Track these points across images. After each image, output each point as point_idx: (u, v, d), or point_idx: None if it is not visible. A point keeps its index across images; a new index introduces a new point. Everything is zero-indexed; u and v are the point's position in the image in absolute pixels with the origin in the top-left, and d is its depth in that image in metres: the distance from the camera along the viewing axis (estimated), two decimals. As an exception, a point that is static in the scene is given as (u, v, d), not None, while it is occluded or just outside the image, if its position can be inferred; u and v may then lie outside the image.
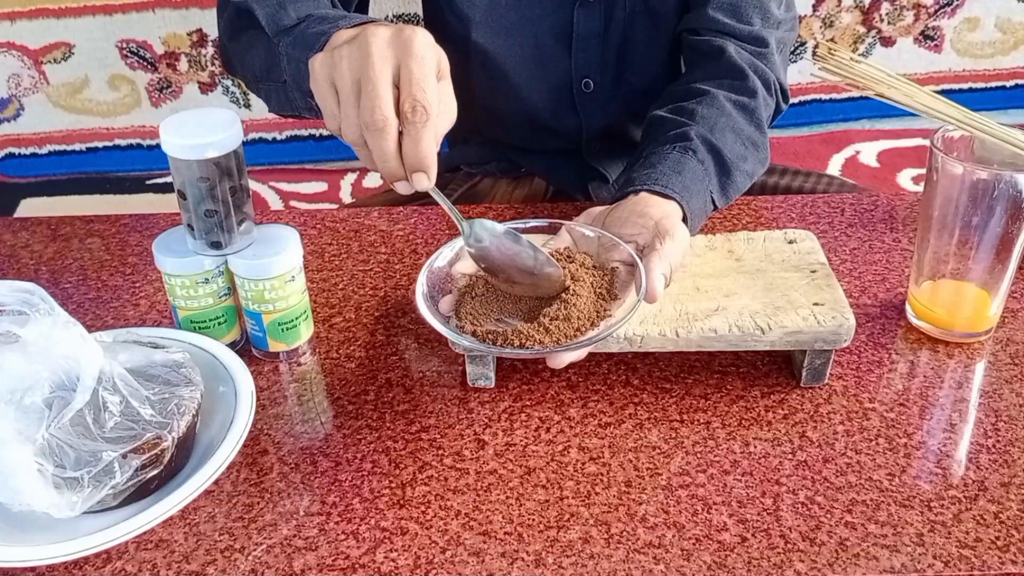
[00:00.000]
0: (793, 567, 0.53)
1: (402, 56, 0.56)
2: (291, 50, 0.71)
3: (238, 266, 0.66)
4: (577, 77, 0.93)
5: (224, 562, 0.54)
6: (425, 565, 0.54)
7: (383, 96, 0.54)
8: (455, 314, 0.61)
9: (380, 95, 0.54)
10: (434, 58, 0.57)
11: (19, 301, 0.56)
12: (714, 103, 0.81)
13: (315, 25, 0.69)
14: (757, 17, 0.87)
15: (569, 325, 0.58)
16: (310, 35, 0.68)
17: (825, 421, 0.63)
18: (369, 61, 0.55)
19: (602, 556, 0.54)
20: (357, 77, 0.56)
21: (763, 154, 0.83)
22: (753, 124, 0.82)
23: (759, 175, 0.83)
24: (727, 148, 0.78)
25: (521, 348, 0.57)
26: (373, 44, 0.55)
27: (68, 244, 0.88)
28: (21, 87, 2.01)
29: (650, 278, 0.60)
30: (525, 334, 0.57)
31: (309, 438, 0.63)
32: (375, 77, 0.54)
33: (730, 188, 0.78)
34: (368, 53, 0.55)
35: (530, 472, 0.60)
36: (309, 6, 0.73)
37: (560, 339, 0.57)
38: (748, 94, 0.83)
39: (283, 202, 1.96)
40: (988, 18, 2.04)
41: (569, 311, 0.59)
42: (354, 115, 0.56)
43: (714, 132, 0.78)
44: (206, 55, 1.98)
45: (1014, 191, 0.64)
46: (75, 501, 0.53)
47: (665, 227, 0.64)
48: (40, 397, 0.55)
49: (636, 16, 0.90)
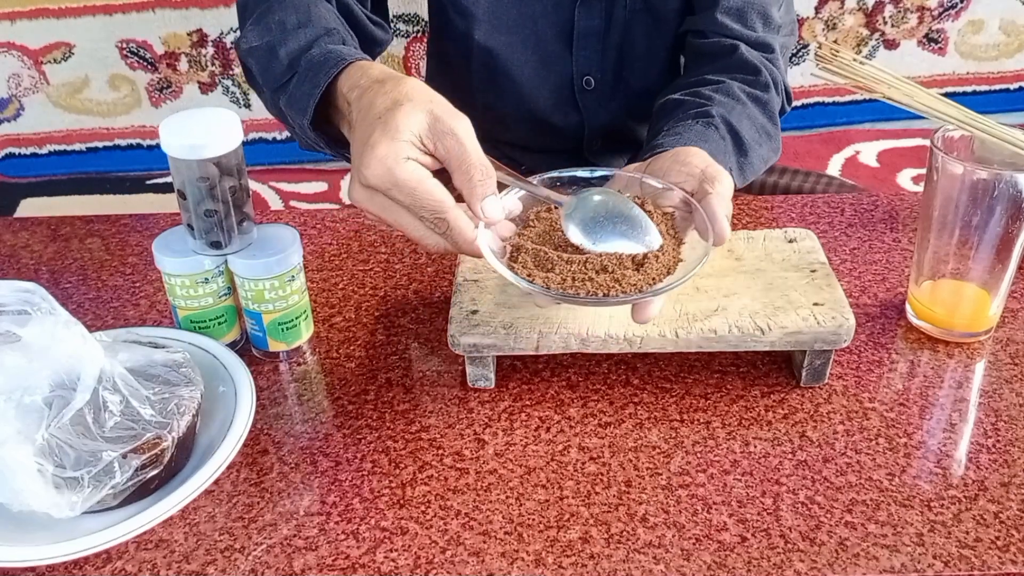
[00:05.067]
0: (793, 567, 0.53)
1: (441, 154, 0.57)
2: (289, 111, 0.70)
3: (238, 266, 0.66)
4: (578, 75, 0.93)
5: (224, 562, 0.54)
6: (425, 565, 0.54)
7: (462, 227, 0.56)
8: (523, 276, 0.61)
9: (460, 228, 0.56)
10: (427, 135, 0.57)
11: (19, 301, 0.56)
12: (730, 92, 0.82)
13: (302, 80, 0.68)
14: (759, 22, 0.87)
15: (658, 270, 0.60)
16: (299, 97, 0.68)
17: (825, 421, 0.63)
18: (417, 198, 0.56)
19: (602, 556, 0.54)
20: (405, 222, 0.57)
21: (775, 144, 0.85)
22: (766, 116, 0.84)
23: (771, 164, 0.86)
24: (744, 131, 0.80)
25: (619, 296, 0.58)
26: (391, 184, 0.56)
27: (68, 244, 0.88)
28: (21, 87, 2.01)
29: (718, 220, 0.61)
30: (614, 284, 0.58)
31: (309, 438, 0.63)
32: (435, 208, 0.56)
33: (747, 168, 0.80)
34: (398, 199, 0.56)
35: (530, 472, 0.60)
36: (299, 38, 0.71)
37: (650, 283, 0.59)
38: (761, 88, 0.85)
39: (283, 202, 1.96)
40: (992, 20, 2.04)
41: (652, 258, 0.60)
42: (426, 238, 0.58)
43: (732, 115, 0.80)
44: (206, 55, 1.98)
45: (1014, 191, 0.64)
46: (75, 501, 0.53)
47: (712, 172, 0.65)
48: (40, 396, 0.55)
49: (636, 15, 0.91)
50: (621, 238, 0.62)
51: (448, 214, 0.56)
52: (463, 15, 0.90)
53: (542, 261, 0.61)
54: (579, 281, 0.59)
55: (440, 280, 0.80)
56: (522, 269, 0.60)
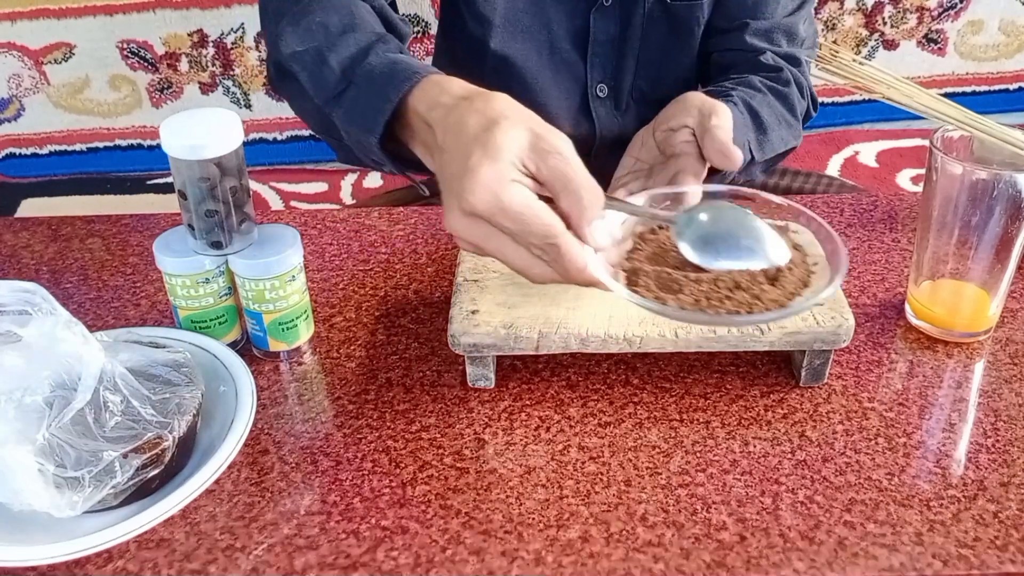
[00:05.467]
0: (792, 566, 0.53)
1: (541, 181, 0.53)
2: (348, 125, 0.64)
3: (238, 266, 0.67)
4: (592, 82, 0.93)
5: (225, 561, 0.54)
6: (425, 564, 0.54)
7: (574, 253, 0.52)
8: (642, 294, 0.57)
9: (572, 255, 0.52)
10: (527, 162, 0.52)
11: (20, 301, 0.56)
12: (751, 84, 0.86)
13: (363, 93, 0.62)
14: (784, 39, 0.90)
15: (794, 283, 0.57)
16: (363, 111, 0.62)
17: (824, 421, 0.63)
18: (526, 224, 0.51)
19: (602, 555, 0.54)
20: (509, 251, 0.53)
21: (796, 132, 0.88)
22: (786, 107, 0.87)
23: (791, 147, 0.87)
24: (763, 113, 0.82)
25: (762, 313, 0.55)
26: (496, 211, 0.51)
27: (69, 244, 0.88)
28: (22, 87, 2.01)
29: (730, 150, 0.63)
30: (755, 301, 0.55)
31: (310, 437, 0.63)
32: (545, 234, 0.51)
33: (766, 144, 0.82)
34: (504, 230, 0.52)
35: (530, 471, 0.60)
36: (348, 44, 0.66)
37: (789, 297, 0.56)
38: (782, 83, 0.87)
39: (283, 202, 1.96)
40: (992, 21, 2.04)
41: (786, 271, 0.58)
42: (531, 267, 0.53)
43: (752, 100, 0.83)
44: (206, 55, 1.98)
45: (1014, 191, 0.64)
46: (76, 501, 0.53)
47: (710, 106, 0.66)
48: (41, 396, 0.55)
49: (654, 22, 0.90)
50: (742, 252, 0.58)
51: (559, 239, 0.51)
52: (480, 21, 0.88)
53: (666, 283, 0.57)
54: (714, 300, 0.56)
55: (440, 280, 0.80)
56: (647, 292, 0.56)
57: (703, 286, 0.57)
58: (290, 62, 0.69)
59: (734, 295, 0.56)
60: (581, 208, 0.52)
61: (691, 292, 0.56)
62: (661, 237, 0.62)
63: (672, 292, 0.56)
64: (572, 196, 0.52)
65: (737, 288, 0.56)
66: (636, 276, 0.58)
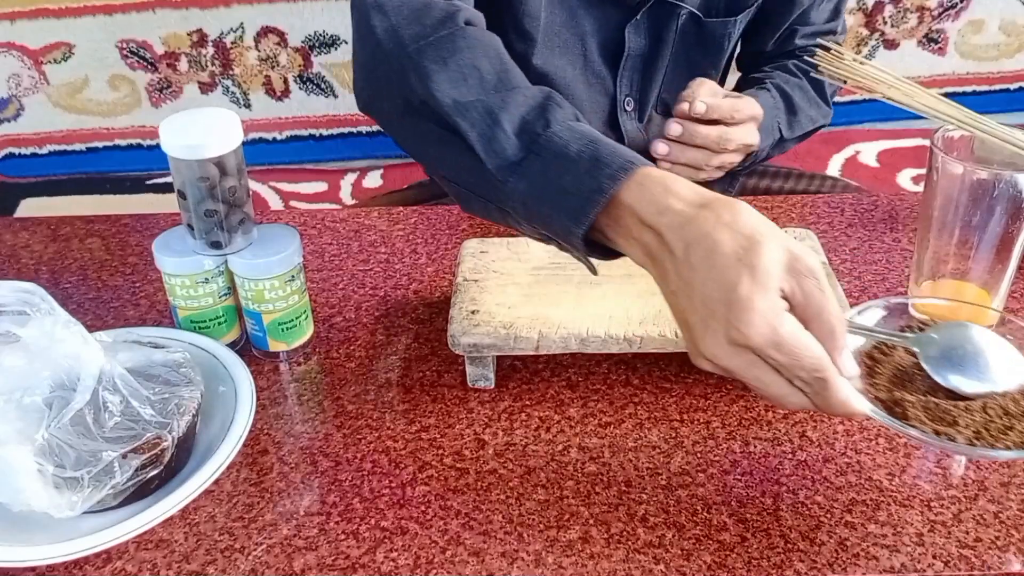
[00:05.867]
0: (793, 567, 0.53)
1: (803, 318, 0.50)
2: (536, 203, 0.57)
3: (238, 266, 0.66)
4: (621, 95, 0.93)
5: (224, 562, 0.54)
6: (425, 565, 0.54)
7: (839, 386, 0.50)
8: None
9: (837, 387, 0.50)
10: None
11: (19, 301, 0.56)
12: (786, 68, 0.97)
13: (556, 170, 0.56)
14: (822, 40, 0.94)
15: None
16: (559, 194, 0.56)
17: (825, 421, 0.63)
18: (797, 358, 0.49)
19: (602, 556, 0.54)
20: (769, 380, 0.50)
21: (824, 111, 0.99)
22: (816, 90, 0.97)
23: (819, 126, 0.99)
24: (796, 96, 0.94)
25: None
26: (773, 345, 0.49)
27: (68, 244, 0.88)
28: (21, 87, 2.01)
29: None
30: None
31: (309, 438, 0.63)
32: (814, 367, 0.49)
33: (795, 124, 0.94)
34: (777, 365, 0.49)
35: (530, 472, 0.60)
36: (517, 103, 0.60)
37: None
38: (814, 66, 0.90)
39: (283, 202, 1.96)
40: (992, 21, 2.04)
41: None
42: (788, 396, 0.51)
43: (787, 84, 0.95)
44: (206, 55, 1.98)
45: (1014, 191, 0.64)
46: (75, 501, 0.53)
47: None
48: (40, 397, 0.55)
49: (685, 38, 0.91)
50: (992, 372, 0.57)
51: (827, 373, 0.49)
52: (524, 38, 0.87)
53: (936, 414, 0.55)
54: (995, 432, 0.53)
55: (440, 280, 0.80)
56: (923, 426, 0.54)
57: (975, 416, 0.55)
58: (453, 114, 0.61)
59: (1018, 425, 0.54)
60: (834, 337, 0.50)
61: (967, 423, 0.54)
62: (895, 358, 0.60)
63: (946, 424, 0.54)
64: (826, 324, 0.50)
65: (1006, 414, 0.55)
66: (900, 407, 0.56)
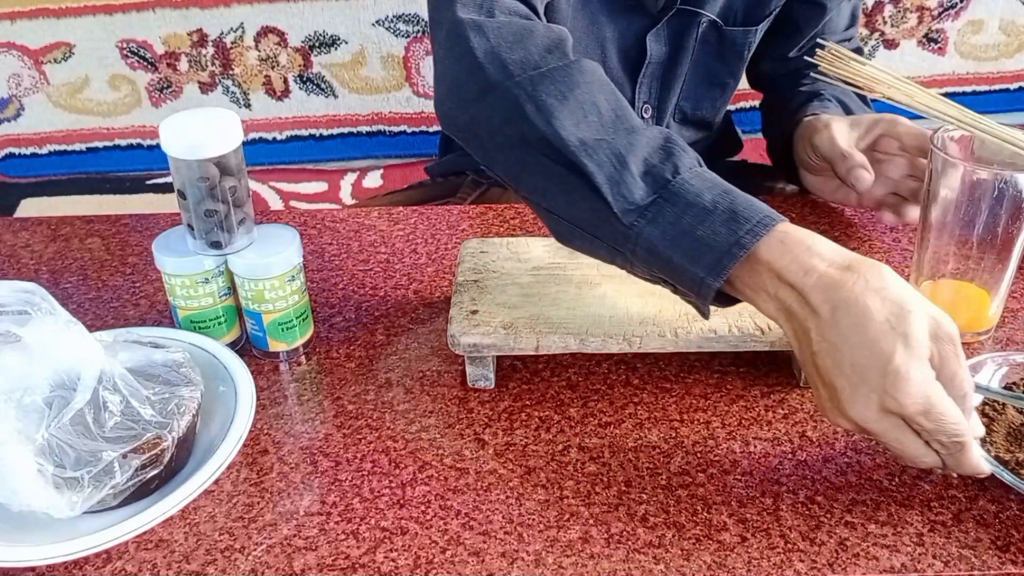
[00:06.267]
0: (793, 567, 0.53)
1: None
2: (668, 250, 0.56)
3: (238, 266, 0.66)
4: (639, 103, 0.93)
5: (224, 562, 0.54)
6: (425, 565, 0.54)
7: (973, 449, 0.53)
8: None
9: (971, 450, 0.52)
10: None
11: (20, 301, 0.56)
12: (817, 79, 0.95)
13: (691, 219, 0.56)
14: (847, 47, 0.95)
15: None
16: (699, 246, 0.55)
17: (825, 421, 0.63)
18: (942, 425, 0.51)
19: (602, 556, 0.54)
20: (907, 441, 0.53)
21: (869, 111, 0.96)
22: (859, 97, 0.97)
23: None
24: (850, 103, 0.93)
25: None
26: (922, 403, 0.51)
27: (68, 244, 0.88)
28: (21, 87, 2.01)
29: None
30: None
31: (309, 438, 0.63)
32: (956, 433, 0.51)
33: None
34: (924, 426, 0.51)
35: (530, 472, 0.60)
36: (640, 144, 0.59)
37: None
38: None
39: (283, 202, 1.96)
40: (992, 20, 2.04)
41: None
42: (923, 456, 0.53)
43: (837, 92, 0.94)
44: (206, 55, 1.98)
45: (1014, 191, 0.64)
46: (75, 501, 0.53)
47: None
48: (40, 397, 0.55)
49: (706, 46, 0.91)
50: None
51: (966, 438, 0.52)
52: None
53: None
54: None
55: (440, 280, 0.80)
56: None
57: None
58: (579, 154, 0.59)
59: None
60: (965, 401, 0.52)
61: None
62: (1008, 415, 0.61)
63: None
64: (958, 389, 0.52)
65: None
66: (1022, 466, 0.58)
